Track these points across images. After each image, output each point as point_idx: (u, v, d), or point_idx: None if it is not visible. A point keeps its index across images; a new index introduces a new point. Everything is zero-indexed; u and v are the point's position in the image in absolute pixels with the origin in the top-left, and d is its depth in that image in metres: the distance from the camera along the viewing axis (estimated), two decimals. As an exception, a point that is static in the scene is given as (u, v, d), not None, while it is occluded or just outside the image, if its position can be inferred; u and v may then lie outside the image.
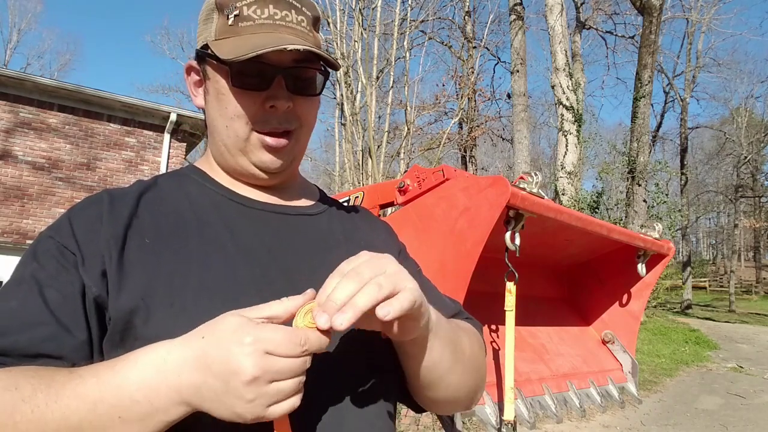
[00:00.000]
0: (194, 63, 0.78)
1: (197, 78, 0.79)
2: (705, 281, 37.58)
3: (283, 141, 0.75)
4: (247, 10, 0.71)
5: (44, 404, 0.53)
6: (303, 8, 0.75)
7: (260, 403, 0.52)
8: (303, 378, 0.55)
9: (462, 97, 17.45)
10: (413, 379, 0.73)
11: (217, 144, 0.78)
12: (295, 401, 0.54)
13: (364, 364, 0.71)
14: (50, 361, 0.59)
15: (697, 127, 29.67)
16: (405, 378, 0.75)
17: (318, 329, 0.54)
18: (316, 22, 0.77)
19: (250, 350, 0.51)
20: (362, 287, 0.55)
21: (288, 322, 0.56)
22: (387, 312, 0.55)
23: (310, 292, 0.59)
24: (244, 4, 0.71)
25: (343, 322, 0.53)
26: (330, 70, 0.77)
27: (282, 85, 0.72)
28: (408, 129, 15.62)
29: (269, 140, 0.74)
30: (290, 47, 0.68)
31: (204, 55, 0.75)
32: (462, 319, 0.87)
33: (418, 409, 0.84)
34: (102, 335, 0.63)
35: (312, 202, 0.85)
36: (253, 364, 0.50)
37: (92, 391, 0.53)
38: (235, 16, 0.71)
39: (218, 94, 0.74)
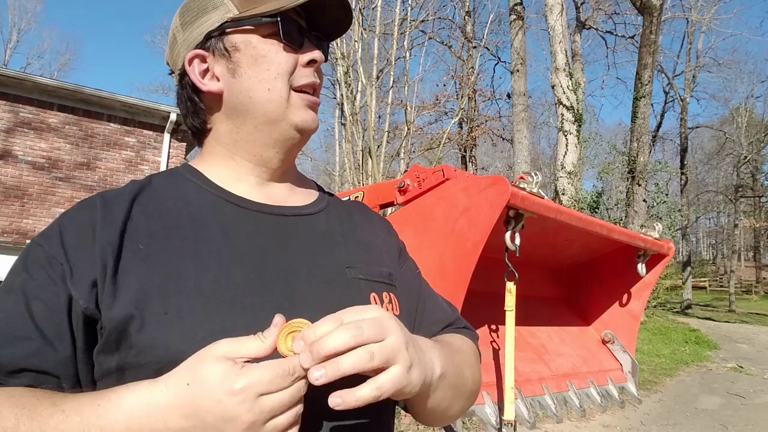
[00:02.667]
0: (198, 51, 0.76)
1: (204, 66, 0.77)
2: (705, 281, 37.55)
3: (317, 99, 0.80)
4: None
5: None
6: None
7: None
8: (300, 408, 0.54)
9: (462, 97, 17.47)
10: (411, 408, 0.72)
11: (252, 118, 0.76)
12: None
13: None
14: (35, 375, 0.59)
15: (697, 127, 29.62)
16: None
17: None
18: None
19: (242, 398, 0.50)
20: (356, 345, 0.53)
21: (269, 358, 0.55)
22: (338, 403, 0.52)
23: (278, 319, 0.56)
24: None
25: (318, 378, 0.51)
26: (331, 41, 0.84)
27: (312, 43, 0.78)
28: (408, 129, 15.64)
29: (311, 97, 0.78)
30: None
31: (237, 25, 0.75)
32: (459, 327, 0.87)
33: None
34: (90, 347, 0.62)
35: (310, 201, 0.83)
36: (247, 410, 0.50)
37: (76, 430, 0.53)
38: None
39: (256, 59, 0.74)
